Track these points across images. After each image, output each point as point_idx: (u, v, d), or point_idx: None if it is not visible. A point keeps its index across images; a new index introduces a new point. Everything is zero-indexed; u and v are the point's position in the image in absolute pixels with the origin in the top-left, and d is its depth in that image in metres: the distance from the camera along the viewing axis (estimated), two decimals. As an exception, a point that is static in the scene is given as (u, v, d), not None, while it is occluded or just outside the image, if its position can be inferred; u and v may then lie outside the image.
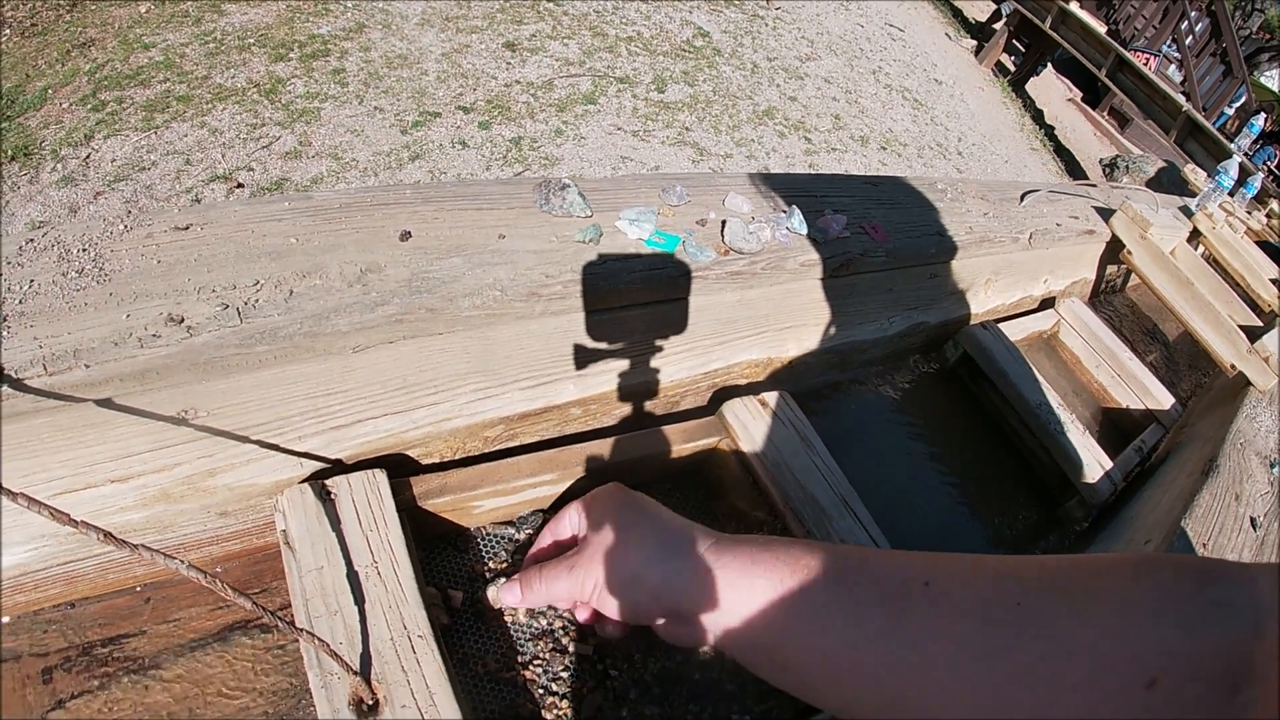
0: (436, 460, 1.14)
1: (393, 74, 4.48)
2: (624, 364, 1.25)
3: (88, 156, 3.54)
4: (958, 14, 11.47)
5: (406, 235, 1.00)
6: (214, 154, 3.71)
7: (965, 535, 1.68)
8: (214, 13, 4.59)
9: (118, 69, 4.05)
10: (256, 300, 0.85)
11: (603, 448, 1.15)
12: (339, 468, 1.02)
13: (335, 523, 0.90)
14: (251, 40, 4.45)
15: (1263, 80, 21.14)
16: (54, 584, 0.91)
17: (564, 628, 1.02)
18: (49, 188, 3.39)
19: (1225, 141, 8.05)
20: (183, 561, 0.66)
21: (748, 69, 6.14)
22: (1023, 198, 2.26)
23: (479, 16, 5.23)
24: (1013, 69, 10.25)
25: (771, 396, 1.31)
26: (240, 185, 3.57)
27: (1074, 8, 8.73)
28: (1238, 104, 12.29)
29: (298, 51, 4.45)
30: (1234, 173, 3.52)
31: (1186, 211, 3.29)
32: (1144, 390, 2.37)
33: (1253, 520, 1.65)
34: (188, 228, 0.91)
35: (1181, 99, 8.36)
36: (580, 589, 0.80)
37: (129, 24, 4.39)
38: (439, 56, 4.74)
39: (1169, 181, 8.94)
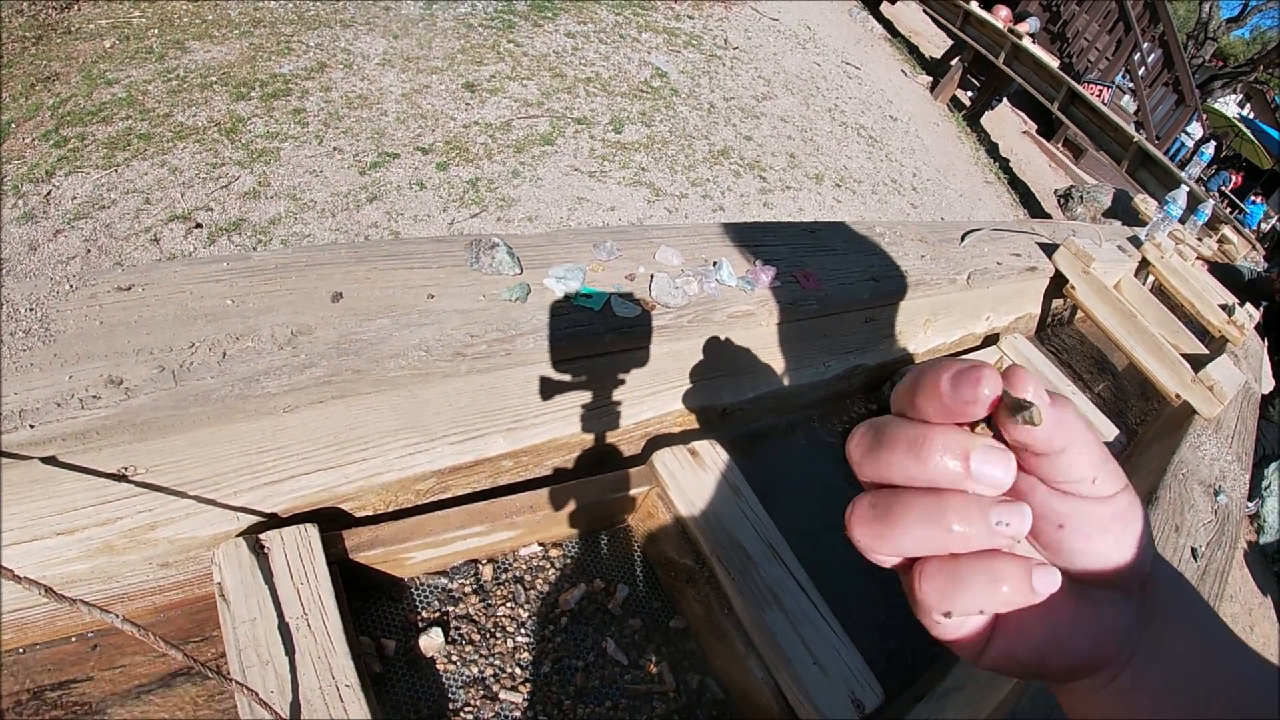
0: (370, 513, 1.17)
1: (353, 114, 4.50)
2: (554, 417, 1.28)
3: (48, 193, 3.53)
4: (914, 50, 11.66)
5: (338, 296, 1.04)
6: (174, 193, 3.70)
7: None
8: (177, 49, 4.59)
9: (81, 104, 4.04)
10: (191, 363, 0.88)
11: (533, 499, 1.19)
12: (275, 521, 1.05)
13: (268, 576, 0.93)
14: (214, 78, 4.46)
15: (1216, 107, 21.64)
16: (6, 630, 0.93)
17: (495, 675, 1.06)
18: (9, 224, 3.38)
19: (1176, 170, 8.23)
20: (118, 615, 0.70)
21: (705, 109, 6.22)
22: (963, 238, 2.32)
23: (439, 57, 5.28)
24: (968, 104, 10.44)
25: (702, 445, 1.35)
26: (199, 225, 3.57)
27: (1026, 43, 8.92)
28: (1192, 131, 12.61)
29: (259, 90, 4.47)
30: (1182, 201, 3.62)
31: (1136, 242, 3.38)
32: (1086, 423, 2.42)
33: (1193, 550, 1.70)
34: (130, 288, 0.94)
35: (1132, 130, 8.55)
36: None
37: (93, 59, 4.39)
38: (399, 97, 4.77)
39: (1124, 210, 9.11)
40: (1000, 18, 9.93)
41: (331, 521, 1.08)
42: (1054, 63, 9.11)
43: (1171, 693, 0.47)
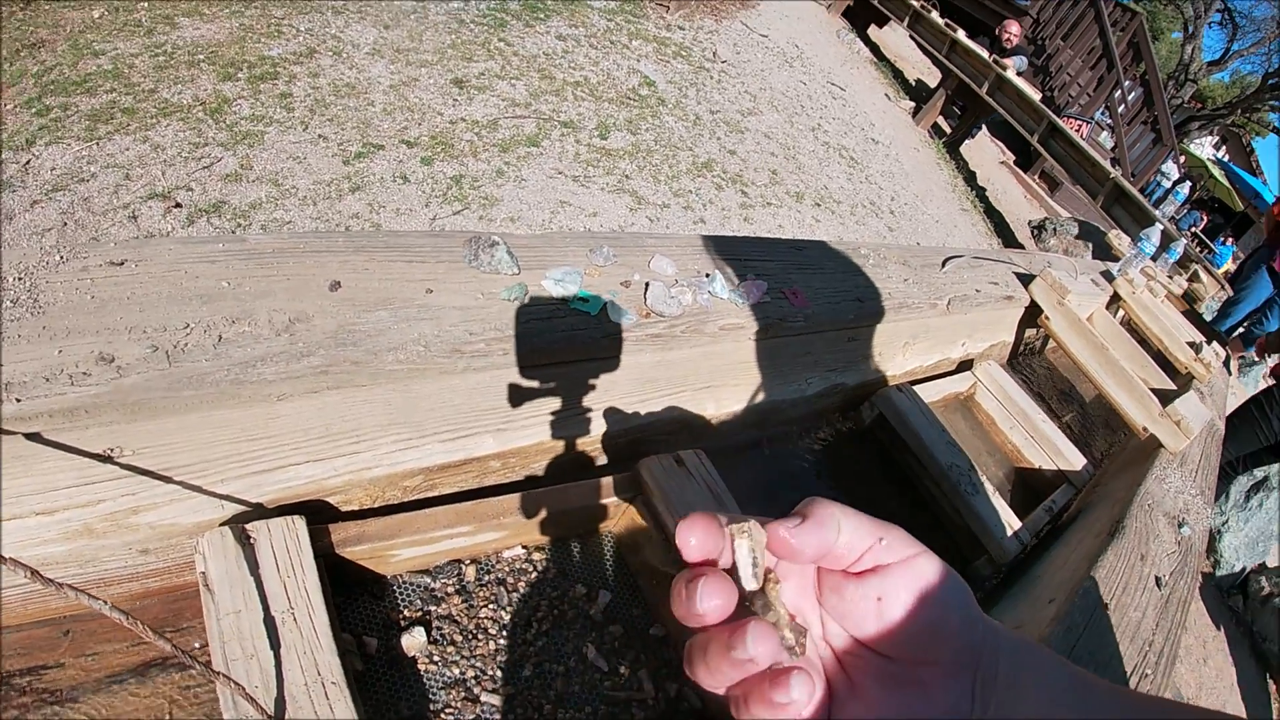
0: (356, 507, 1.16)
1: (339, 102, 4.47)
2: (544, 419, 1.28)
3: (28, 162, 3.46)
4: (899, 75, 11.74)
5: (336, 285, 1.03)
6: (154, 170, 3.65)
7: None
8: (166, 25, 4.53)
9: (65, 74, 3.97)
10: (186, 344, 0.87)
11: (520, 501, 1.18)
12: (260, 511, 1.04)
13: (254, 567, 0.92)
14: (201, 57, 4.40)
15: (1192, 148, 22.06)
16: (-25, 612, 0.91)
17: (476, 677, 1.05)
18: (-16, 193, 3.32)
19: (1150, 208, 8.35)
20: (105, 602, 0.68)
21: (690, 120, 6.24)
22: (944, 264, 2.35)
23: (430, 51, 5.25)
24: (949, 131, 10.53)
25: (687, 455, 1.35)
26: (178, 205, 3.52)
27: (1011, 75, 9.02)
28: (1168, 170, 12.85)
29: (246, 72, 4.42)
30: (1156, 239, 3.69)
31: (1108, 276, 3.43)
32: (1056, 451, 2.46)
33: (1158, 579, 1.72)
34: (122, 263, 0.93)
35: (1109, 166, 8.66)
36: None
37: (81, 29, 4.32)
38: (387, 88, 4.74)
39: (1096, 245, 9.23)
40: (1013, 33, 10.06)
41: (315, 515, 1.07)
42: (1036, 95, 9.21)
43: None
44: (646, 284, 1.33)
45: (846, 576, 0.48)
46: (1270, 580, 5.25)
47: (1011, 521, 1.97)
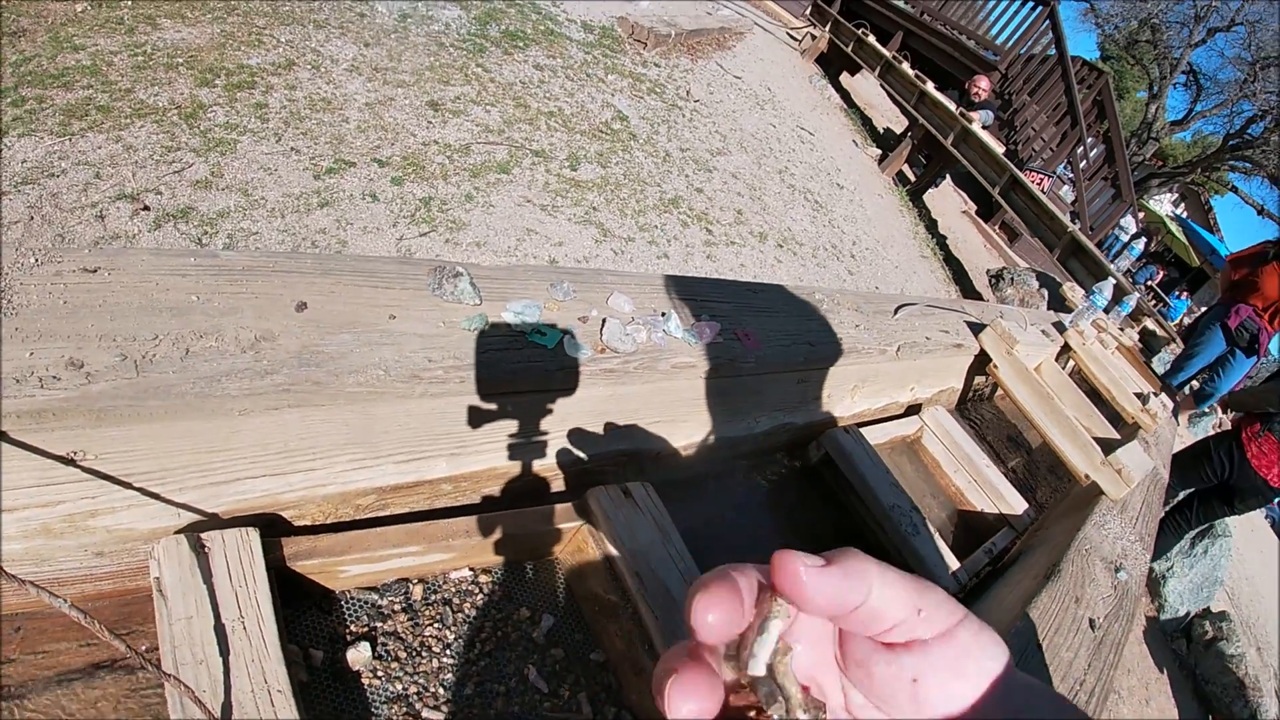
0: (309, 523, 1.18)
1: (314, 116, 4.48)
2: (496, 446, 1.32)
3: (-1, 152, 3.44)
4: (867, 122, 11.93)
5: (303, 306, 1.06)
6: (125, 171, 3.63)
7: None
8: (148, 25, 4.51)
9: (43, 66, 3.94)
10: (154, 355, 0.90)
11: (469, 524, 1.22)
12: (214, 521, 1.06)
13: (207, 575, 0.95)
14: (180, 60, 4.38)
15: (1151, 204, 22.64)
16: (-72, 604, 0.93)
17: (418, 693, 1.08)
18: (-49, 180, 3.28)
19: (1105, 262, 8.54)
20: (66, 601, 0.71)
21: (660, 156, 6.34)
22: (897, 311, 2.42)
23: (408, 72, 5.30)
24: (913, 179, 10.69)
25: (635, 487, 1.39)
26: (146, 208, 3.50)
27: (976, 128, 9.19)
28: (1126, 225, 13.18)
29: (224, 79, 4.41)
30: (1108, 293, 3.81)
31: (1060, 327, 3.54)
32: (998, 495, 2.52)
33: (1091, 621, 1.77)
34: (96, 270, 0.95)
35: (1068, 220, 8.83)
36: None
37: (62, 21, 4.29)
38: (362, 106, 4.76)
39: (1052, 296, 9.41)
40: (982, 87, 10.25)
41: (268, 528, 1.10)
42: (1000, 149, 9.39)
43: None
44: (604, 320, 1.38)
45: (875, 648, 0.41)
46: (1213, 624, 5.41)
47: (951, 562, 2.02)
